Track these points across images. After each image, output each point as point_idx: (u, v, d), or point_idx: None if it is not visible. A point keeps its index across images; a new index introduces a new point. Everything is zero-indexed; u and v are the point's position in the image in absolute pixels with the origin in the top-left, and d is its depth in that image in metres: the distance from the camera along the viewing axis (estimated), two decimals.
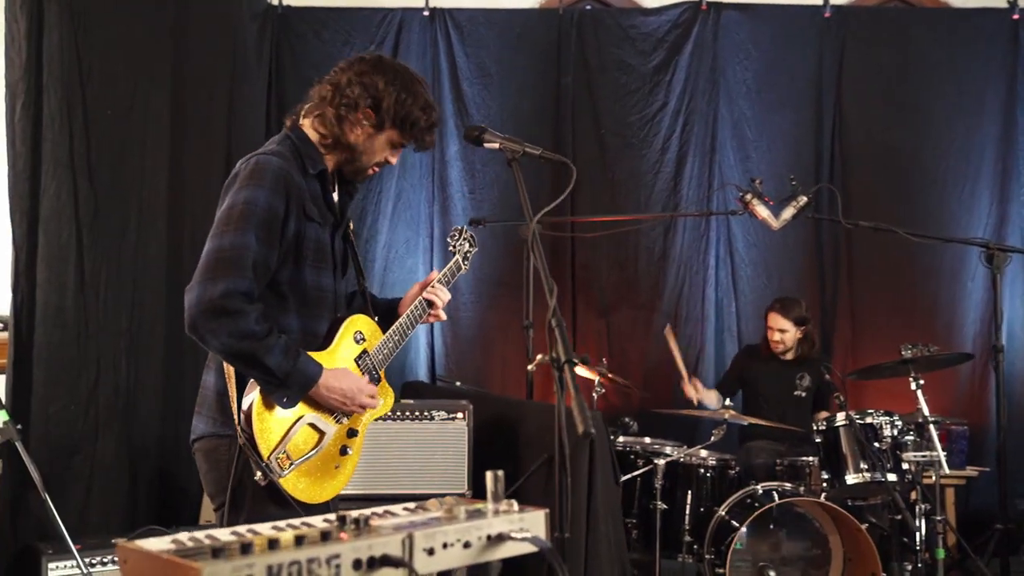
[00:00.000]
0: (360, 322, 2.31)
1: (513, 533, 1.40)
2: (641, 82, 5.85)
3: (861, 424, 3.92)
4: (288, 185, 2.10)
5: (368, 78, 2.19)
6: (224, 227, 2.04)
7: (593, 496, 3.29)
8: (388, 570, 1.26)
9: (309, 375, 2.08)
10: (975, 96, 5.77)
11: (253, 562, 1.14)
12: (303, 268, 2.15)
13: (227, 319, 1.97)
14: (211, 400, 2.14)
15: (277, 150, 2.17)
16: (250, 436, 2.01)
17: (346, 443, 2.23)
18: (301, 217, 2.13)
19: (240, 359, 2.02)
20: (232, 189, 2.11)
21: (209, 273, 2.00)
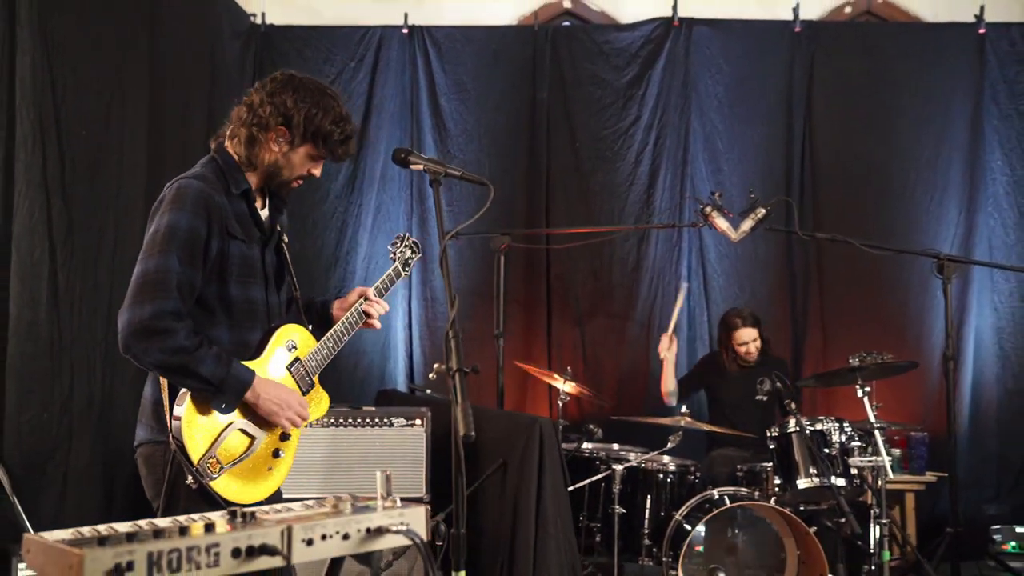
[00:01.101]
0: (292, 331, 2.43)
1: (392, 527, 1.53)
2: (615, 96, 6.00)
3: (812, 430, 4.03)
4: (209, 207, 2.21)
5: (278, 97, 2.28)
6: (149, 251, 2.17)
7: (542, 499, 3.43)
8: (267, 559, 1.40)
9: (243, 380, 2.20)
10: (943, 109, 5.89)
11: (134, 549, 1.28)
12: (228, 283, 2.27)
13: (157, 338, 2.09)
14: (148, 409, 2.27)
15: (200, 173, 2.29)
16: (180, 443, 2.13)
17: (279, 446, 2.35)
18: (224, 236, 2.24)
19: (175, 372, 2.14)
20: (157, 213, 2.23)
21: (138, 296, 2.13)
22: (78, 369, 3.79)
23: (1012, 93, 5.84)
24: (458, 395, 1.79)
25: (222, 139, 2.38)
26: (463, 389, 1.81)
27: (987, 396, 5.76)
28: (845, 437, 3.99)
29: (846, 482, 3.96)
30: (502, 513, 3.57)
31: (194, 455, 2.14)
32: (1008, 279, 5.77)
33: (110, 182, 4.00)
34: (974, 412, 5.74)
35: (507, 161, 5.99)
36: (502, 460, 3.65)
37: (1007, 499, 5.61)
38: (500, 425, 3.85)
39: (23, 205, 3.50)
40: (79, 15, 3.80)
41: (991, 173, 5.87)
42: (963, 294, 5.75)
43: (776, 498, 4.04)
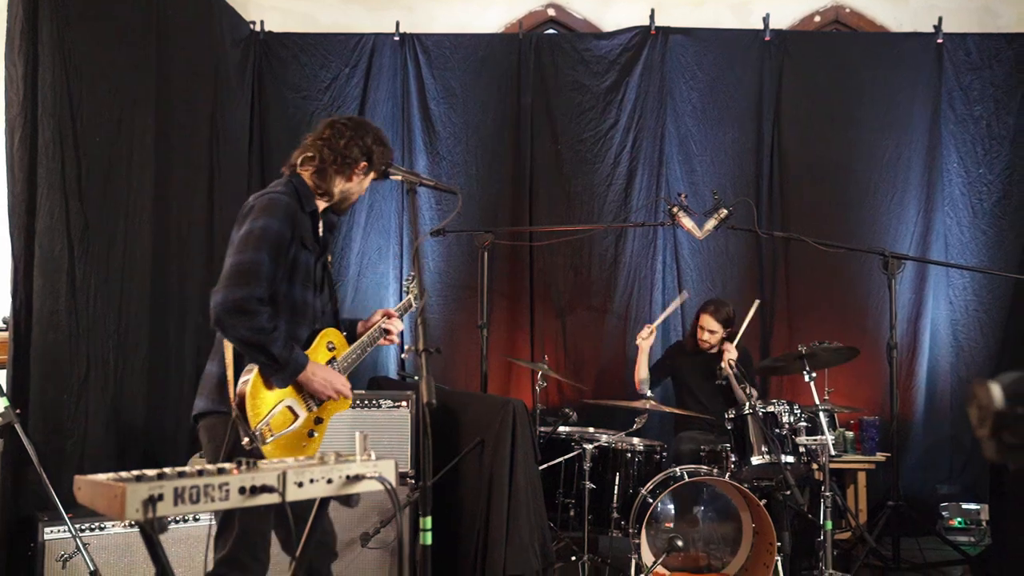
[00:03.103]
0: (331, 334, 2.92)
1: (367, 473, 1.90)
2: (595, 101, 6.35)
3: (764, 412, 4.40)
4: (294, 218, 2.70)
5: (360, 139, 2.85)
6: (244, 246, 2.61)
7: (515, 473, 3.79)
8: (266, 496, 1.77)
9: (301, 363, 2.66)
10: (903, 114, 6.24)
11: (163, 484, 1.65)
12: (294, 285, 2.73)
13: (245, 317, 2.53)
14: (212, 384, 2.73)
15: (284, 191, 2.76)
16: (243, 409, 2.55)
17: (313, 428, 2.80)
18: (299, 245, 2.72)
19: (252, 348, 2.57)
20: (249, 217, 2.67)
21: (233, 281, 2.56)
22: (93, 357, 4.16)
23: (967, 99, 6.20)
24: (423, 370, 2.18)
25: (294, 166, 2.86)
26: (428, 365, 2.18)
27: (942, 384, 6.14)
28: (794, 419, 4.36)
29: (794, 459, 4.33)
30: (479, 486, 3.93)
31: (253, 420, 2.56)
32: (963, 275, 6.14)
33: (121, 185, 4.36)
34: (929, 399, 6.11)
35: (493, 162, 6.34)
36: (479, 438, 4.01)
37: (958, 479, 6.00)
38: (478, 407, 4.22)
39: (44, 206, 3.87)
40: (94, 33, 4.17)
41: (948, 175, 6.23)
42: (920, 289, 6.12)
43: (732, 474, 4.41)
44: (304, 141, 2.91)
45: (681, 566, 4.51)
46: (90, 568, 3.42)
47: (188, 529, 3.76)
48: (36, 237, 3.81)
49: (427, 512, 2.13)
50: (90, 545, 3.49)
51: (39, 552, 3.49)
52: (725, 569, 4.52)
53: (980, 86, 6.19)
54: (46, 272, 3.86)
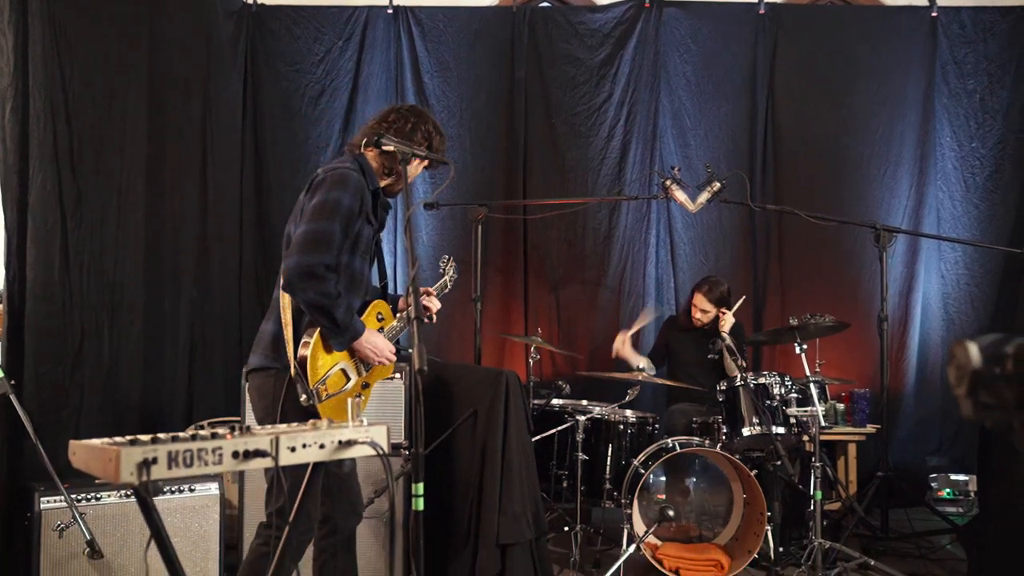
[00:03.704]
0: (381, 306, 3.05)
1: (360, 439, 1.92)
2: (589, 75, 6.34)
3: (755, 384, 4.43)
4: (363, 194, 2.83)
5: (423, 126, 3.01)
6: (318, 216, 2.73)
7: (507, 443, 3.82)
8: (259, 460, 1.79)
9: (358, 329, 2.81)
10: (897, 88, 6.24)
11: (157, 448, 1.67)
12: (356, 256, 2.87)
13: (316, 281, 2.66)
14: (267, 341, 2.84)
15: (353, 167, 2.88)
16: (304, 367, 2.70)
17: (361, 392, 2.94)
18: (364, 220, 2.86)
19: (318, 311, 2.70)
20: (322, 189, 2.78)
21: (307, 247, 2.68)
22: (87, 329, 4.17)
23: (961, 73, 6.20)
24: (416, 338, 2.20)
25: (357, 145, 2.99)
26: (420, 333, 2.20)
27: (932, 357, 6.18)
28: (785, 390, 4.39)
29: (785, 430, 4.37)
30: (472, 456, 3.96)
31: (312, 379, 2.69)
32: (954, 248, 6.17)
33: (114, 157, 4.36)
34: (920, 372, 6.16)
35: (486, 136, 6.33)
36: (472, 409, 4.04)
37: (948, 451, 6.06)
38: (471, 378, 4.23)
39: (37, 178, 3.87)
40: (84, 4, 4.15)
41: (940, 149, 6.24)
42: (912, 262, 6.15)
43: (723, 445, 4.45)
44: (368, 124, 3.05)
45: (672, 536, 4.57)
46: (86, 537, 3.45)
47: (183, 500, 3.80)
48: (29, 209, 3.81)
49: (420, 478, 2.16)
50: (86, 515, 3.52)
51: (35, 522, 3.51)
52: (716, 539, 4.57)
53: (974, 59, 6.20)
54: (39, 244, 3.87)
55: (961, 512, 5.54)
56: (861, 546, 4.69)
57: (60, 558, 3.54)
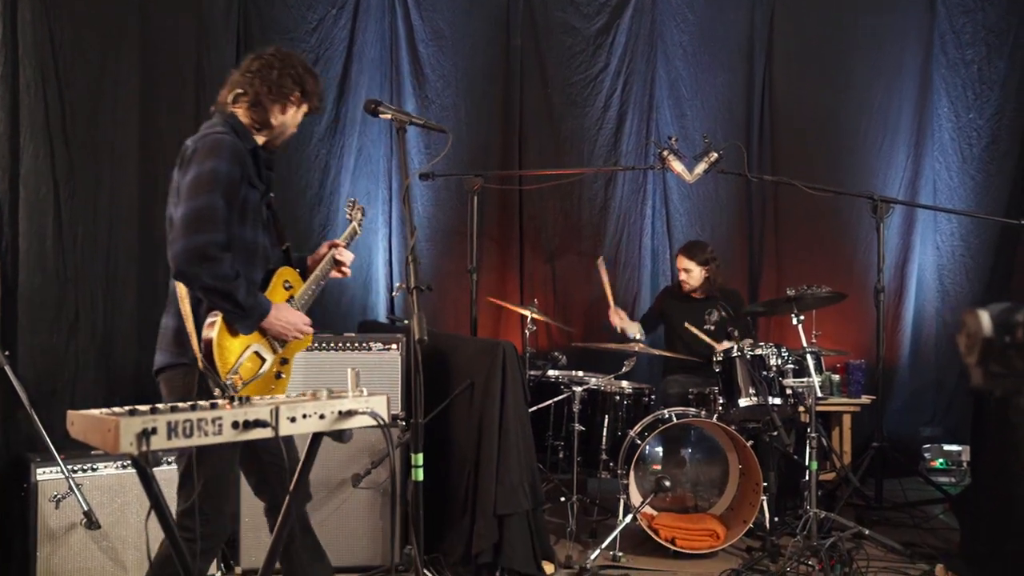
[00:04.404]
0: (287, 273, 2.83)
1: (360, 409, 1.91)
2: (585, 44, 6.28)
3: (752, 355, 4.44)
4: (241, 157, 2.59)
5: (291, 69, 2.75)
6: (196, 191, 2.49)
7: (504, 414, 3.82)
8: (260, 431, 1.78)
9: (265, 308, 2.61)
10: (895, 58, 6.21)
11: (157, 419, 1.65)
12: (246, 226, 2.63)
13: (208, 264, 2.44)
14: (169, 337, 2.64)
15: (224, 129, 2.64)
16: (210, 360, 2.49)
17: (280, 370, 2.76)
18: (247, 184, 2.62)
19: (216, 295, 2.49)
20: (194, 161, 2.55)
21: (191, 228, 2.46)
22: (82, 301, 4.15)
23: (959, 43, 6.17)
24: (415, 307, 2.18)
25: (225, 105, 2.74)
26: (419, 303, 2.18)
27: (927, 329, 6.21)
28: (782, 361, 4.40)
29: (781, 401, 4.38)
30: (469, 427, 3.96)
31: (222, 370, 2.50)
32: (950, 220, 6.16)
33: (107, 127, 4.30)
34: (915, 343, 6.19)
35: (482, 105, 6.28)
36: (469, 380, 4.04)
37: (941, 422, 6.10)
38: (468, 349, 4.23)
39: (28, 147, 3.83)
40: None
41: (938, 120, 6.23)
42: (907, 233, 6.16)
43: (719, 416, 4.46)
44: (230, 78, 2.80)
45: (668, 507, 4.59)
46: (83, 508, 3.45)
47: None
48: (20, 179, 3.77)
49: (419, 448, 2.16)
50: (83, 486, 3.51)
51: (32, 492, 3.51)
52: (711, 509, 4.60)
53: (972, 29, 6.16)
54: (31, 214, 3.84)
55: (954, 482, 5.58)
56: (855, 516, 4.73)
57: (57, 529, 3.54)
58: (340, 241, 3.04)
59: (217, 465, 2.53)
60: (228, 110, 2.73)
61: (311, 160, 6.03)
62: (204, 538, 2.50)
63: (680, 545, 4.24)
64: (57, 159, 3.92)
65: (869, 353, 5.84)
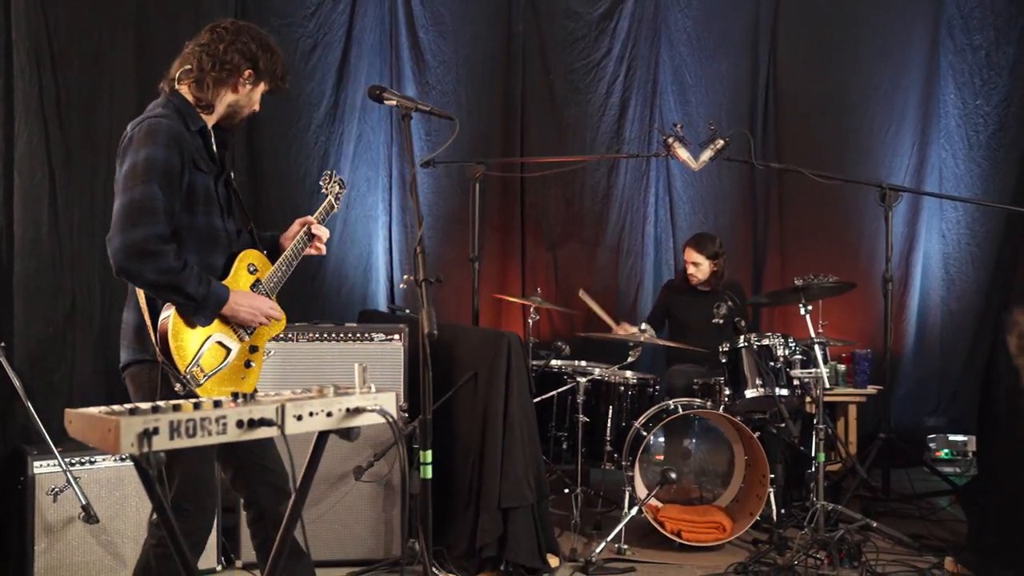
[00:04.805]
0: (251, 256, 2.67)
1: (368, 407, 1.84)
2: (587, 29, 6.19)
3: (759, 346, 4.38)
4: (180, 142, 2.41)
5: (242, 44, 2.55)
6: (131, 182, 2.34)
7: (509, 406, 3.76)
8: (265, 429, 1.72)
9: (221, 296, 2.47)
10: (901, 43, 6.13)
11: (159, 418, 1.59)
12: (196, 213, 2.48)
13: (149, 259, 2.31)
14: (131, 333, 2.50)
15: (164, 112, 2.46)
16: (168, 355, 2.37)
17: (249, 358, 2.62)
18: (192, 169, 2.45)
19: (164, 290, 2.37)
20: (130, 150, 2.40)
21: (128, 222, 2.31)
22: (78, 288, 4.07)
23: (967, 28, 6.09)
24: (424, 300, 2.11)
25: (173, 80, 2.56)
26: (428, 296, 2.11)
27: (932, 317, 6.15)
28: (789, 352, 4.34)
29: (788, 392, 4.32)
30: (473, 419, 3.90)
31: (180, 365, 2.38)
32: (956, 208, 6.10)
33: (103, 111, 4.21)
34: (920, 332, 6.14)
35: (483, 92, 6.19)
36: (473, 371, 3.97)
37: (946, 411, 6.05)
38: (472, 340, 4.17)
39: (23, 132, 3.75)
40: None
41: (944, 106, 6.15)
42: (913, 221, 6.10)
43: (726, 407, 4.40)
44: (183, 51, 2.60)
45: (673, 498, 4.54)
46: (82, 501, 3.39)
47: None
48: (15, 164, 3.69)
49: (428, 445, 2.09)
50: (80, 479, 3.45)
51: (29, 486, 3.45)
52: (717, 501, 4.55)
53: (981, 14, 6.08)
54: (27, 201, 3.76)
55: (959, 472, 5.55)
56: (861, 507, 4.68)
57: (54, 523, 3.48)
58: (313, 217, 2.87)
59: (195, 461, 2.42)
60: (174, 87, 2.55)
61: (310, 147, 5.95)
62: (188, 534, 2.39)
63: (686, 538, 4.19)
64: (52, 144, 3.84)
65: (874, 342, 5.79)
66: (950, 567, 3.85)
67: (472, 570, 3.75)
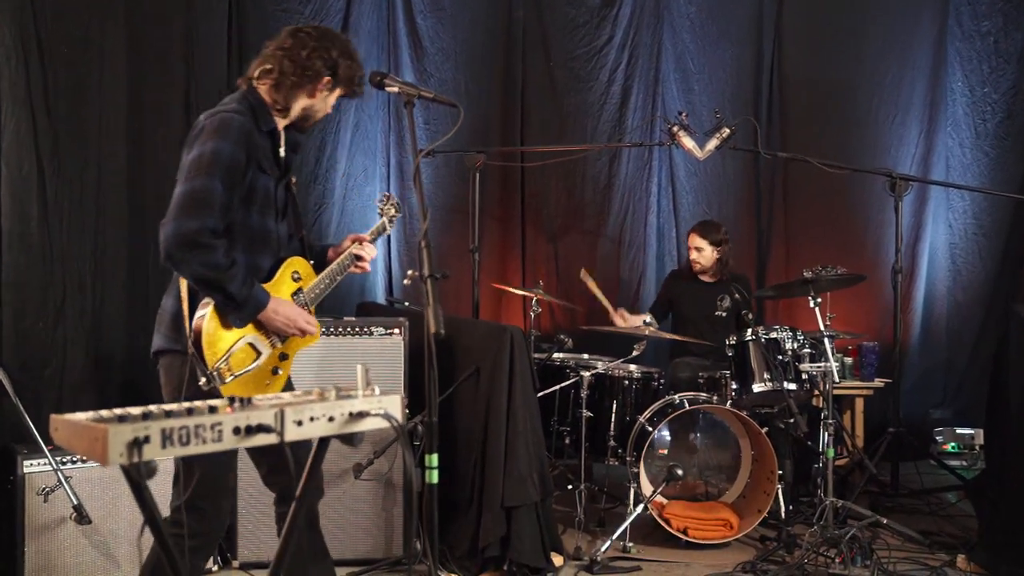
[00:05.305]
0: (297, 263, 2.68)
1: (372, 410, 1.75)
2: (589, 16, 6.08)
3: (767, 339, 4.29)
4: (249, 140, 2.43)
5: (324, 51, 2.56)
6: (195, 172, 2.35)
7: (512, 402, 3.67)
8: (263, 436, 1.62)
9: (260, 300, 2.45)
10: (908, 30, 6.03)
11: (149, 425, 1.49)
12: (251, 212, 2.49)
13: (199, 251, 2.30)
14: (167, 320, 2.50)
15: (238, 108, 2.48)
16: (199, 348, 2.35)
17: (277, 365, 2.59)
18: (255, 169, 2.46)
19: (207, 284, 2.36)
20: (199, 140, 2.40)
21: (184, 211, 2.31)
22: (69, 282, 3.96)
23: (975, 14, 6.00)
24: (430, 297, 2.01)
25: (251, 79, 2.58)
26: (435, 292, 2.02)
27: (938, 308, 6.08)
28: (797, 345, 4.25)
29: (797, 386, 4.23)
30: (475, 415, 3.81)
31: (209, 360, 2.36)
32: (963, 197, 6.01)
33: (93, 100, 4.10)
34: (926, 323, 6.06)
35: (482, 80, 6.07)
36: (475, 366, 3.88)
37: (952, 403, 5.98)
38: (474, 334, 4.07)
39: (10, 122, 3.63)
40: None
41: (952, 94, 6.06)
42: (919, 211, 6.01)
43: (732, 402, 4.31)
44: (264, 50, 2.63)
45: (678, 494, 4.45)
46: (73, 502, 3.29)
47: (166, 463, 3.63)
48: (2, 155, 3.58)
49: (433, 449, 2.00)
50: (72, 479, 3.35)
51: (19, 485, 3.34)
52: (723, 497, 4.46)
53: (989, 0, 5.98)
54: (15, 192, 3.65)
55: (966, 465, 5.47)
56: (869, 503, 4.61)
57: (45, 523, 3.38)
58: (366, 236, 2.89)
59: (217, 460, 2.39)
60: (252, 85, 2.57)
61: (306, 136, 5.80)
62: (200, 535, 2.42)
63: (693, 535, 4.10)
64: (40, 134, 3.73)
65: (880, 334, 5.71)
66: (963, 565, 3.77)
67: (474, 570, 3.66)
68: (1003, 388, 4.06)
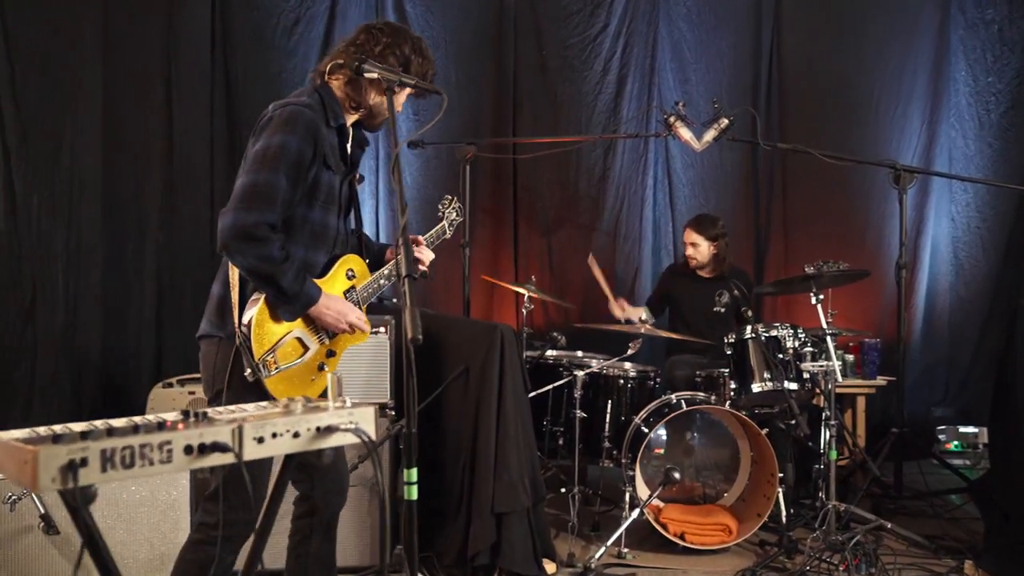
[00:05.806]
0: (352, 261, 2.63)
1: (342, 425, 1.59)
2: (583, 3, 5.92)
3: (767, 337, 4.14)
4: (316, 135, 2.40)
5: (398, 48, 2.53)
6: (260, 165, 2.32)
7: (503, 402, 3.51)
8: (219, 456, 1.46)
9: (312, 296, 2.42)
10: (911, 19, 5.88)
11: (88, 446, 1.33)
12: (314, 207, 2.46)
13: (255, 244, 2.27)
14: (213, 306, 2.47)
15: (308, 102, 2.45)
16: (247, 338, 2.32)
17: (324, 361, 2.53)
18: (321, 165, 2.43)
19: (260, 278, 2.33)
20: (267, 131, 2.38)
21: (244, 203, 2.28)
22: (39, 281, 3.80)
23: (979, 2, 5.86)
24: (407, 299, 1.86)
25: (323, 73, 2.55)
26: (412, 294, 1.86)
27: (940, 303, 5.93)
28: (798, 343, 4.10)
29: (798, 386, 4.09)
30: (464, 417, 3.65)
31: (257, 351, 2.33)
32: (966, 190, 5.87)
33: (64, 88, 3.94)
34: (928, 318, 5.92)
35: (473, 69, 5.92)
36: (464, 366, 3.72)
37: (954, 401, 5.84)
38: (462, 332, 3.91)
39: None
40: None
41: (954, 84, 5.91)
42: (922, 204, 5.86)
43: (731, 402, 4.16)
44: (336, 47, 2.62)
45: (675, 497, 4.30)
46: (40, 511, 3.13)
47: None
48: None
49: (412, 463, 1.84)
50: None
51: None
52: (721, 500, 4.32)
53: None
54: None
55: (969, 465, 5.34)
56: (871, 505, 4.47)
57: (12, 533, 3.21)
58: (423, 238, 2.83)
59: None
60: (324, 80, 2.55)
61: None
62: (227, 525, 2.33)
63: (690, 540, 3.95)
64: (7, 124, 3.57)
65: (881, 331, 5.57)
66: (970, 571, 3.63)
67: None
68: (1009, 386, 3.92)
